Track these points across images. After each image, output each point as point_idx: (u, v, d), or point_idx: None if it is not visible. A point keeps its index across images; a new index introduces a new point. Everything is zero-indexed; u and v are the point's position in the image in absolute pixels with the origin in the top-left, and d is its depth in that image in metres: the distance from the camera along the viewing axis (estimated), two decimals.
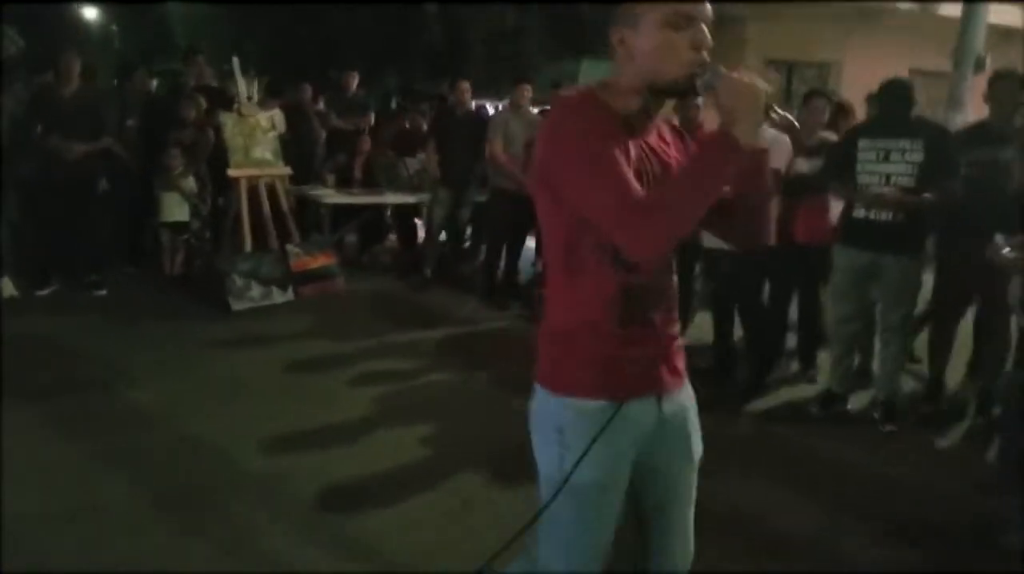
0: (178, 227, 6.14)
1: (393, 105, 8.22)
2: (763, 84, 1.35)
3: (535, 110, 6.79)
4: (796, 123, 1.41)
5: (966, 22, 8.39)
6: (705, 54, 1.40)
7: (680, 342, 1.65)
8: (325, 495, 3.09)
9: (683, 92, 1.46)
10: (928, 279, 4.23)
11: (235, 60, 5.99)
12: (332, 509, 3.00)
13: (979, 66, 8.13)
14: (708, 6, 1.42)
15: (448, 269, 6.75)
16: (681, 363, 1.65)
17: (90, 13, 14.73)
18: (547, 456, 1.56)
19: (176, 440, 3.49)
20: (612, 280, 1.47)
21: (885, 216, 3.80)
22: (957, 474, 3.53)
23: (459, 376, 4.57)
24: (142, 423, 3.65)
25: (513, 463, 3.40)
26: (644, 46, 1.42)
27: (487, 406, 4.11)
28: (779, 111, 1.39)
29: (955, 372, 4.47)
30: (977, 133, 4.16)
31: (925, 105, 9.55)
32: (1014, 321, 3.96)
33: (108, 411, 3.77)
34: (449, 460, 3.46)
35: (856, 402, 4.27)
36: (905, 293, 3.93)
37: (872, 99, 4.80)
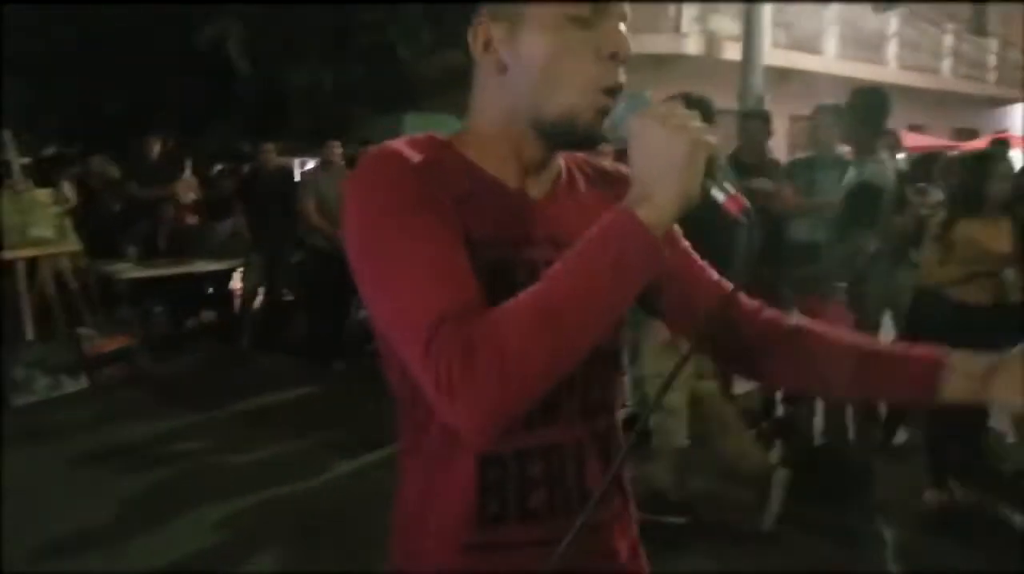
0: None
1: (213, 170, 7.82)
2: (705, 132, 0.79)
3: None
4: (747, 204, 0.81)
5: (746, 65, 9.15)
6: (622, 73, 0.87)
7: (628, 510, 1.04)
8: None
9: (585, 140, 0.89)
10: None
11: (5, 133, 5.49)
12: None
13: (760, 104, 8.86)
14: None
15: (267, 335, 6.43)
16: (624, 540, 1.02)
17: None
18: None
19: None
20: (464, 450, 0.88)
21: None
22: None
23: (272, 447, 4.30)
24: None
25: (323, 536, 3.26)
26: (530, 54, 0.86)
27: (300, 476, 3.88)
28: (726, 186, 0.81)
29: None
30: (732, 165, 4.48)
31: (722, 140, 10.35)
32: None
33: None
34: (248, 542, 3.24)
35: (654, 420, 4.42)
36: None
37: None
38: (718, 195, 0.80)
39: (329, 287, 6.11)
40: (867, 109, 3.54)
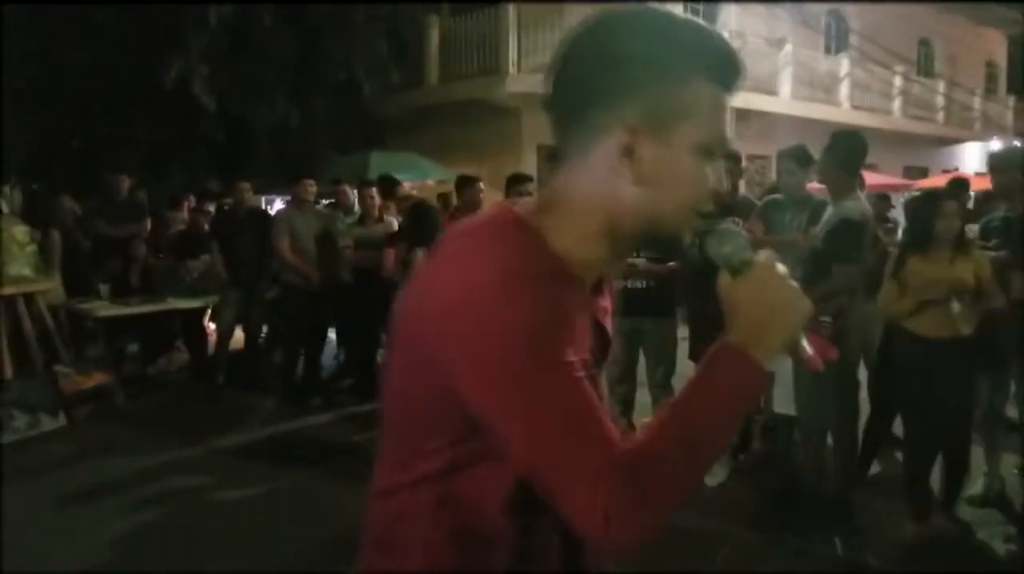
0: None
1: (184, 209, 7.93)
2: (803, 296, 0.95)
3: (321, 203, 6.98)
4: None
5: None
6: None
7: None
8: None
9: (676, 249, 1.11)
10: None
11: None
12: None
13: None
14: None
15: (243, 372, 6.57)
16: None
17: None
18: None
19: None
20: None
21: (640, 284, 4.26)
22: (726, 511, 3.94)
23: (258, 483, 4.46)
24: None
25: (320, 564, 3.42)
26: (669, 169, 0.94)
27: (291, 509, 4.05)
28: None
29: None
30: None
31: None
32: None
33: None
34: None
35: None
36: (665, 351, 4.43)
37: None
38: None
39: (303, 322, 6.32)
40: (846, 151, 3.67)
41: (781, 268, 0.96)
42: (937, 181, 12.06)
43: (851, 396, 3.82)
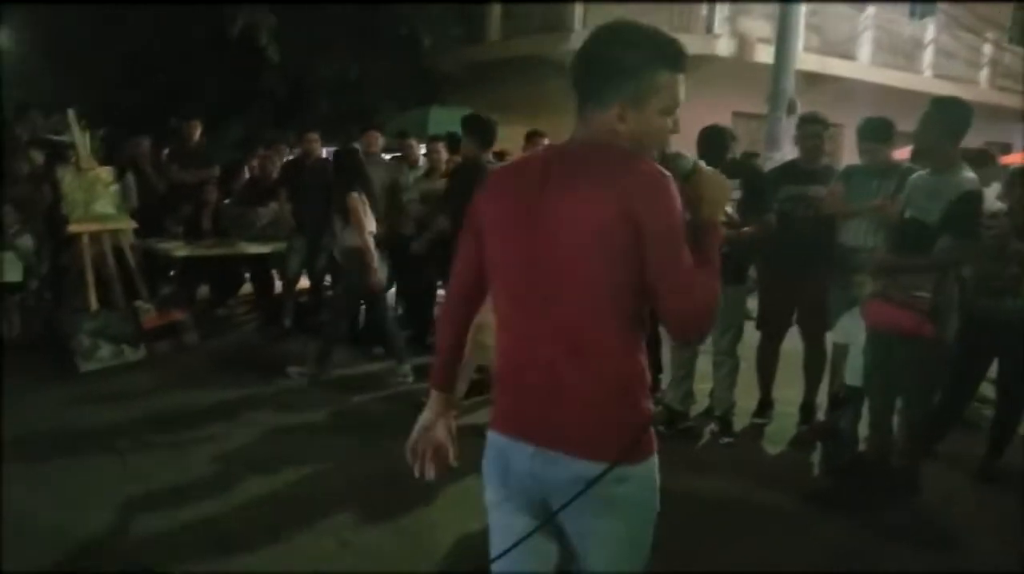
0: (13, 288, 6.07)
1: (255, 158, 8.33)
2: (725, 180, 1.73)
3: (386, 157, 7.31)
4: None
5: (777, 69, 9.68)
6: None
7: None
8: (193, 547, 3.23)
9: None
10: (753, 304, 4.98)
11: (71, 112, 6.08)
12: (203, 558, 3.15)
13: (791, 109, 9.37)
14: None
15: (308, 318, 6.99)
16: None
17: None
18: (647, 529, 1.72)
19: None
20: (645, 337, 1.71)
21: None
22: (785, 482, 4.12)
23: (328, 420, 4.88)
24: None
25: (386, 501, 3.69)
26: (644, 126, 1.63)
27: (357, 448, 4.42)
28: (730, 211, 1.77)
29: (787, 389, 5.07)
30: (787, 171, 4.87)
31: (748, 145, 10.85)
32: (829, 338, 4.76)
33: None
34: (322, 503, 3.70)
35: (697, 419, 4.90)
36: (733, 318, 4.58)
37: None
38: (731, 213, 1.78)
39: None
40: (950, 120, 3.59)
41: (709, 170, 1.74)
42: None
43: (939, 372, 3.81)
